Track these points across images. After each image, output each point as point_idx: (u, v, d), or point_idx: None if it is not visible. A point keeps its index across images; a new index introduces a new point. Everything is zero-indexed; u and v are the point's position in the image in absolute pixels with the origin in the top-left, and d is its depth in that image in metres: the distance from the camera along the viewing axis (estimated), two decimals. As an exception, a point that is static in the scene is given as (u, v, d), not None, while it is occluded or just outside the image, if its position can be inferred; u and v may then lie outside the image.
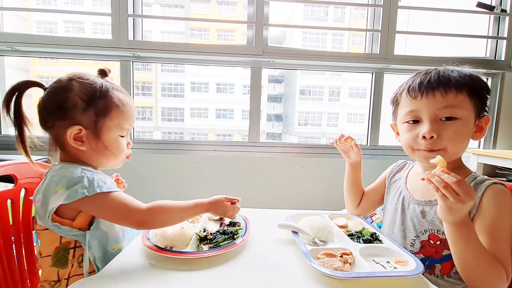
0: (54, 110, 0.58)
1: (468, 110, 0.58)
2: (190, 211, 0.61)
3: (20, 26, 2.30)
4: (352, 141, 0.80)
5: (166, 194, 1.43)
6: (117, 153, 0.64)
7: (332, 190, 1.51)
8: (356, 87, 11.07)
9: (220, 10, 10.83)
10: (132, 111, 0.65)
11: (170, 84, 10.67)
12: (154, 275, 0.51)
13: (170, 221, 0.59)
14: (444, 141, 0.58)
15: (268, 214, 0.73)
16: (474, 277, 0.53)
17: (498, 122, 1.59)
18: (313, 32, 11.15)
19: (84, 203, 0.53)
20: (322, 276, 0.50)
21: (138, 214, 0.55)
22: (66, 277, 0.56)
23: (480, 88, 0.59)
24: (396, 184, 0.77)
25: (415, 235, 0.65)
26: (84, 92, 0.58)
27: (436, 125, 0.58)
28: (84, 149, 0.59)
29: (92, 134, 0.59)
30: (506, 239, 0.54)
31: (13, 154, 1.32)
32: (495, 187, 0.57)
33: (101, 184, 0.55)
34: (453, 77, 0.58)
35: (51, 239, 0.56)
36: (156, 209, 0.57)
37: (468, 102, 0.58)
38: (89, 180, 0.54)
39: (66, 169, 0.56)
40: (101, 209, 0.55)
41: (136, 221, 0.56)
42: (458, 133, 0.58)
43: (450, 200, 0.47)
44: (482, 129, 0.61)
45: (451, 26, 1.76)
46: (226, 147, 1.50)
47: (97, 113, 0.58)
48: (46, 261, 0.56)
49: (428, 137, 0.58)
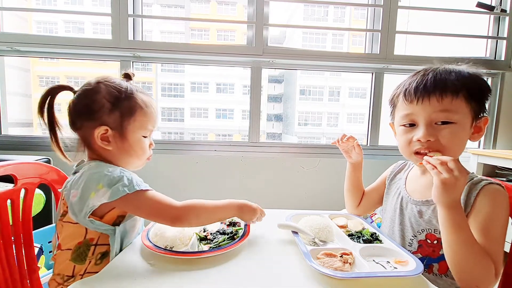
0: (83, 111, 0.61)
1: (465, 114, 0.58)
2: (221, 212, 0.64)
3: (20, 26, 2.30)
4: (354, 141, 0.80)
5: (166, 194, 1.43)
6: (141, 154, 0.66)
7: (332, 190, 1.51)
8: (356, 87, 11.06)
9: (220, 10, 10.82)
10: (155, 112, 0.67)
11: (170, 84, 10.66)
12: (154, 275, 0.51)
13: (203, 219, 0.61)
14: (440, 145, 0.59)
15: (268, 214, 0.73)
16: (462, 267, 0.52)
17: (498, 122, 1.59)
18: (313, 32, 11.15)
19: (124, 200, 0.55)
20: (322, 276, 0.50)
21: (174, 210, 0.58)
22: (81, 273, 0.56)
23: (479, 90, 0.59)
24: (396, 184, 0.77)
25: (413, 234, 0.66)
26: (110, 94, 0.60)
27: (431, 129, 0.59)
28: (110, 149, 0.61)
29: (118, 134, 0.61)
30: (498, 236, 0.54)
31: (13, 154, 1.32)
32: (491, 186, 0.58)
33: (139, 183, 0.58)
34: (450, 81, 0.57)
35: (76, 234, 0.57)
36: (189, 206, 0.59)
37: (465, 106, 0.57)
38: (128, 179, 0.57)
39: (105, 167, 0.58)
40: (139, 205, 0.57)
41: (171, 217, 0.57)
42: (453, 137, 0.58)
43: (444, 176, 0.50)
44: (481, 129, 0.61)
45: (451, 26, 1.76)
46: (226, 147, 1.50)
47: (122, 114, 0.61)
48: (65, 255, 0.57)
49: (424, 141, 0.59)
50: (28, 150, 1.36)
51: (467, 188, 0.59)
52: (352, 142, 0.80)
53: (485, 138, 1.63)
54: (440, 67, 0.61)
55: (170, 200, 0.59)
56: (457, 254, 0.52)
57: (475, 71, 0.60)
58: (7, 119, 1.48)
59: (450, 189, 0.50)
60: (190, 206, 0.60)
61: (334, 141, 0.83)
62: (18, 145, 1.40)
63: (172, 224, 0.59)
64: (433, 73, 0.60)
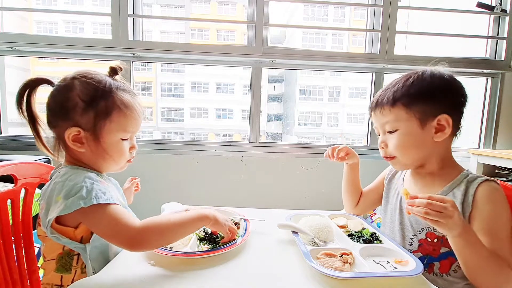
0: (56, 109, 0.56)
1: (406, 119, 0.62)
2: (188, 227, 0.56)
3: (20, 26, 2.31)
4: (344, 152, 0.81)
5: (166, 194, 1.43)
6: (117, 158, 0.60)
7: (332, 190, 1.51)
8: (356, 87, 11.06)
9: (220, 10, 10.82)
10: (138, 113, 0.61)
11: (170, 84, 10.66)
12: (154, 275, 0.51)
13: (167, 239, 0.54)
14: (391, 150, 0.66)
15: (268, 214, 0.73)
16: (483, 280, 0.53)
17: (498, 122, 1.59)
18: (313, 32, 11.14)
19: (79, 214, 0.50)
20: (322, 276, 0.50)
21: (132, 232, 0.50)
22: (69, 283, 0.54)
23: (423, 92, 0.61)
24: (395, 185, 0.77)
25: (413, 234, 0.66)
26: (84, 92, 0.55)
27: (384, 137, 0.68)
28: (83, 151, 0.57)
29: (92, 137, 0.56)
30: (505, 235, 0.55)
31: (13, 154, 1.32)
32: (488, 184, 0.59)
33: (99, 195, 0.51)
34: (388, 95, 0.64)
35: (55, 245, 0.54)
36: (150, 227, 0.51)
37: (404, 112, 0.62)
38: (87, 190, 0.50)
39: (70, 175, 0.54)
40: (95, 222, 0.51)
41: (127, 240, 0.50)
42: (399, 142, 0.64)
43: (439, 220, 0.49)
44: (444, 128, 0.61)
45: (451, 26, 1.76)
46: (226, 147, 1.50)
47: (97, 114, 0.55)
48: (50, 265, 0.55)
49: (379, 147, 0.69)
50: (28, 150, 1.36)
51: (464, 186, 0.60)
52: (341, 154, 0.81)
53: (485, 138, 1.63)
54: (404, 76, 0.66)
55: (130, 219, 0.51)
56: (476, 268, 0.53)
57: (436, 72, 0.63)
58: (7, 119, 1.48)
59: (451, 225, 0.49)
60: (150, 227, 0.52)
61: (326, 155, 0.83)
62: (18, 145, 1.39)
63: (130, 249, 0.51)
64: (386, 87, 0.67)
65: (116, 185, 0.67)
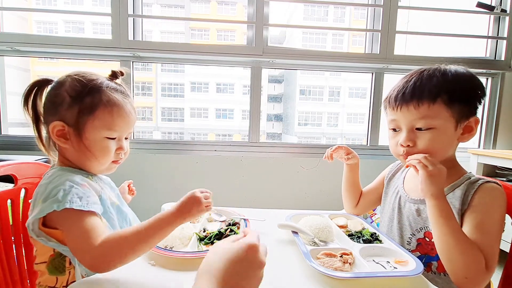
0: (48, 105, 0.57)
1: (445, 118, 0.59)
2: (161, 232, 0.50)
3: (20, 26, 2.30)
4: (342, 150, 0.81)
5: (166, 194, 1.43)
6: (100, 156, 0.58)
7: (332, 190, 1.51)
8: (356, 87, 11.07)
9: (220, 10, 10.82)
10: (126, 113, 0.59)
11: (170, 84, 10.66)
12: (154, 275, 0.51)
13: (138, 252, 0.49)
14: (420, 149, 0.61)
15: (268, 214, 0.73)
16: (450, 257, 0.53)
17: (498, 122, 1.59)
18: (313, 32, 11.15)
19: (55, 218, 0.48)
20: (322, 276, 0.50)
21: (92, 252, 0.45)
22: (64, 284, 0.53)
23: (463, 92, 0.59)
24: (394, 184, 0.77)
25: (411, 233, 0.66)
26: (73, 88, 0.55)
27: (412, 135, 0.61)
28: (67, 147, 0.56)
29: (75, 132, 0.55)
30: (493, 231, 0.55)
31: (13, 154, 1.32)
32: (488, 185, 0.59)
33: (73, 199, 0.48)
34: (428, 88, 0.59)
35: (44, 247, 0.52)
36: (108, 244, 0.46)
37: (445, 110, 0.58)
38: (64, 194, 0.48)
39: (54, 177, 0.53)
40: (66, 228, 0.48)
41: (87, 261, 0.46)
42: (432, 141, 0.60)
43: (430, 168, 0.54)
44: (472, 129, 0.61)
45: (451, 26, 1.76)
46: (226, 147, 1.50)
47: (81, 110, 0.55)
48: (42, 267, 0.54)
49: (405, 145, 0.62)
50: (28, 150, 1.36)
51: (465, 187, 0.60)
52: (341, 151, 0.81)
53: (485, 138, 1.63)
54: (427, 70, 0.62)
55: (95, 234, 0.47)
56: (446, 244, 0.53)
57: (464, 71, 0.61)
58: (7, 119, 1.48)
59: (436, 179, 0.54)
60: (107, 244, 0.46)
61: (325, 157, 0.84)
62: (18, 145, 1.40)
63: (92, 270, 0.47)
64: (415, 79, 0.61)
65: (110, 184, 0.67)
